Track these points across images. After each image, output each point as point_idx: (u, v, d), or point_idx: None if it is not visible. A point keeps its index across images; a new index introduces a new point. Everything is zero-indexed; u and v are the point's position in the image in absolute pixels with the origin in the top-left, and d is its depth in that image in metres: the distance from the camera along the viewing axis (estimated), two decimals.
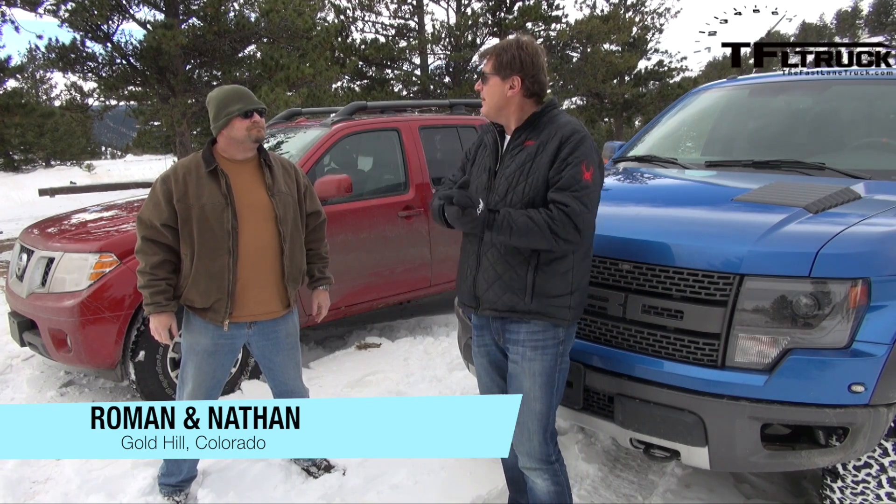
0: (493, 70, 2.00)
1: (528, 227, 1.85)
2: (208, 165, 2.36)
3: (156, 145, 26.25)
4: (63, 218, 4.40)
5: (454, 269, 2.33)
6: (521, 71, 1.96)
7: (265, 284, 2.46)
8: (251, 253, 2.40)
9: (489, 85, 2.01)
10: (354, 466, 2.86)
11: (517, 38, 2.00)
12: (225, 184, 2.35)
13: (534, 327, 1.99)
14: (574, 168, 1.87)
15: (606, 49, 21.94)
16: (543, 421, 2.03)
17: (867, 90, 3.26)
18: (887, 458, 2.07)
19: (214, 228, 2.32)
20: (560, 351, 2.02)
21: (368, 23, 19.96)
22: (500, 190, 1.99)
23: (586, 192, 1.86)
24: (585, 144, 1.90)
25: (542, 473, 2.08)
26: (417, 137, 4.91)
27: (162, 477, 2.64)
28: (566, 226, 1.83)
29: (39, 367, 4.32)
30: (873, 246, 1.95)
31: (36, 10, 12.06)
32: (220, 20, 12.59)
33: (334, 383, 3.88)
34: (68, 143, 32.07)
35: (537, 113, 2.01)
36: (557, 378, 2.03)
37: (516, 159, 1.98)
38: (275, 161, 2.53)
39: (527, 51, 1.97)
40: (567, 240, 1.86)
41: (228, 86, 2.46)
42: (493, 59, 2.00)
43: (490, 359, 2.20)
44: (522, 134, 2.01)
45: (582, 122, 2.03)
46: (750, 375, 1.97)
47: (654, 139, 3.63)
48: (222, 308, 2.38)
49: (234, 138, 2.38)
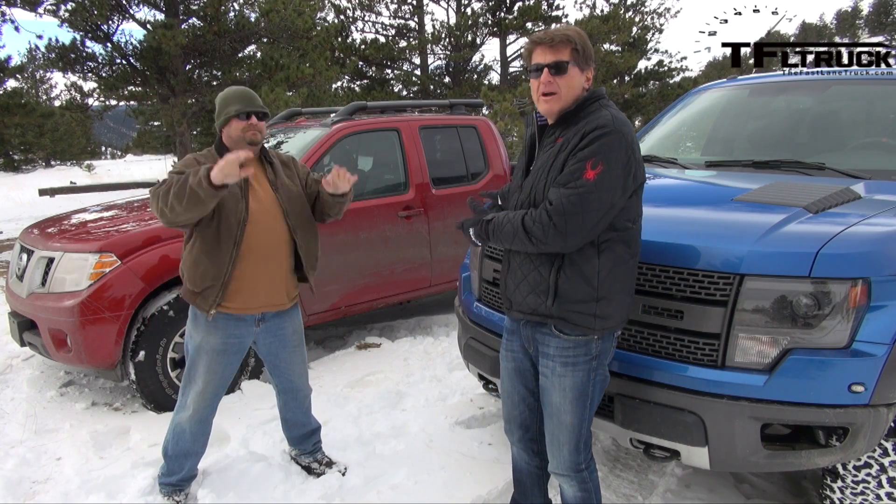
0: (573, 59, 1.82)
1: (509, 231, 1.83)
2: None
3: (156, 145, 26.28)
4: (63, 218, 4.40)
5: (454, 269, 2.33)
6: (594, 62, 1.87)
7: (274, 277, 2.50)
8: (260, 248, 2.43)
9: (567, 77, 1.83)
10: (354, 466, 2.86)
11: (576, 27, 1.89)
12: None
13: (564, 343, 1.90)
14: (578, 164, 1.75)
15: (606, 49, 21.92)
16: (575, 433, 1.97)
17: (867, 90, 3.26)
18: (887, 458, 2.07)
19: (228, 217, 2.36)
20: (593, 366, 1.92)
21: (368, 23, 20.00)
22: (525, 188, 1.92)
23: (582, 191, 1.72)
24: (602, 141, 1.74)
25: (569, 480, 2.05)
26: (417, 137, 4.91)
27: (162, 477, 2.64)
28: (544, 228, 1.74)
29: (39, 367, 4.32)
30: (873, 246, 1.95)
31: (36, 10, 12.06)
32: (220, 20, 12.59)
33: (334, 383, 3.88)
34: (68, 143, 32.06)
35: (573, 109, 1.87)
36: (592, 391, 1.95)
37: (543, 157, 1.91)
38: (274, 157, 2.59)
39: (587, 41, 1.87)
40: (545, 243, 1.76)
41: (235, 87, 2.50)
42: (570, 47, 1.82)
43: (516, 365, 2.14)
44: (556, 130, 1.91)
45: (621, 119, 1.82)
46: (750, 375, 1.97)
47: (654, 139, 3.64)
48: (211, 296, 2.39)
49: (231, 137, 2.43)
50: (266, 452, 2.99)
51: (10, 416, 3.63)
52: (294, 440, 2.88)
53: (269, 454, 2.97)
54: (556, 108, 1.88)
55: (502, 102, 14.24)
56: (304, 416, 2.84)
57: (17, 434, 3.36)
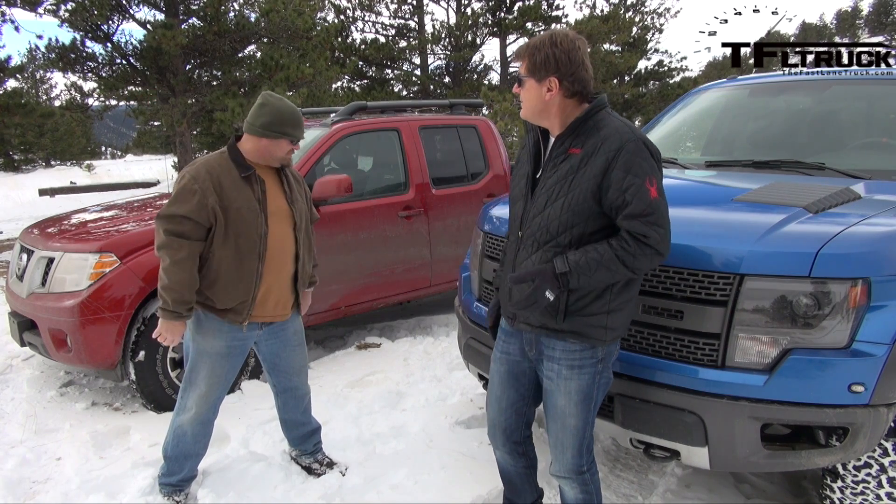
0: (527, 72, 1.85)
1: (604, 275, 1.75)
2: (243, 170, 2.37)
3: (156, 145, 26.26)
4: (63, 218, 4.41)
5: (454, 269, 2.33)
6: (558, 71, 1.80)
7: (282, 288, 2.52)
8: (276, 257, 2.45)
9: (525, 88, 1.87)
10: (355, 466, 2.86)
11: (551, 34, 1.83)
12: (260, 190, 2.39)
13: (571, 346, 1.90)
14: (638, 189, 1.71)
15: (606, 49, 21.93)
16: (579, 436, 1.96)
17: (867, 90, 3.26)
18: (887, 458, 2.07)
19: (248, 233, 2.35)
20: (599, 370, 1.92)
21: (368, 23, 19.99)
22: (539, 201, 1.87)
23: (659, 211, 1.73)
24: (639, 155, 1.73)
25: (571, 483, 2.04)
26: (417, 137, 4.91)
27: (162, 477, 2.64)
28: (647, 256, 1.74)
29: (39, 367, 4.32)
30: (873, 246, 1.95)
31: (36, 10, 12.06)
32: (220, 20, 12.59)
33: (334, 383, 3.88)
34: (68, 143, 32.03)
35: (581, 117, 1.84)
36: (595, 394, 1.95)
37: (559, 169, 1.84)
38: (289, 171, 2.59)
39: (561, 47, 1.79)
40: (650, 266, 1.77)
41: (291, 104, 2.43)
42: (526, 60, 1.85)
43: (510, 368, 2.10)
44: (567, 140, 1.85)
45: (633, 126, 1.84)
46: (750, 375, 1.97)
47: (654, 139, 3.63)
48: (244, 310, 2.41)
49: (271, 153, 2.42)
50: (266, 452, 2.99)
51: (10, 416, 3.63)
52: (294, 441, 2.88)
53: (269, 454, 2.97)
54: (523, 115, 1.93)
55: (502, 102, 14.24)
56: (303, 416, 2.84)
57: (17, 434, 3.36)
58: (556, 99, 1.84)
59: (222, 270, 2.35)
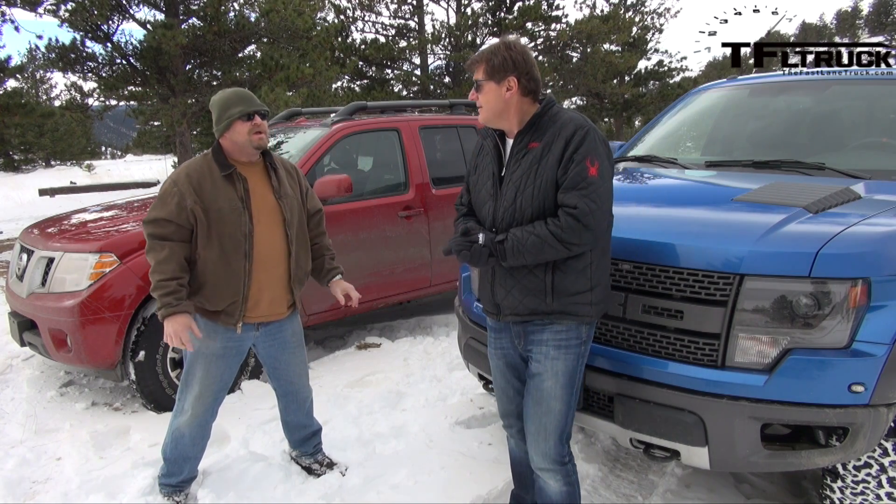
0: (485, 76, 1.96)
1: (537, 245, 1.85)
2: (224, 169, 2.35)
3: (156, 145, 26.21)
4: (63, 218, 4.40)
5: (454, 269, 2.34)
6: (516, 70, 1.93)
7: (276, 286, 2.49)
8: (264, 256, 2.41)
9: (484, 92, 1.98)
10: (355, 466, 2.86)
11: (503, 40, 1.97)
12: (242, 188, 2.36)
13: (558, 327, 1.98)
14: (579, 165, 1.84)
15: (606, 49, 21.93)
16: (562, 422, 2.03)
17: (867, 90, 3.26)
18: (887, 458, 2.07)
19: (232, 232, 2.33)
20: (581, 351, 2.02)
21: (368, 23, 19.96)
22: (507, 196, 1.96)
23: (593, 187, 1.83)
24: (589, 139, 1.87)
25: (555, 475, 2.07)
26: (417, 137, 4.91)
27: (162, 477, 2.64)
28: (576, 231, 1.82)
29: (39, 367, 4.32)
30: (873, 246, 1.95)
31: (36, 10, 12.04)
32: (220, 20, 12.57)
33: (334, 383, 3.88)
34: (68, 143, 32.05)
35: (538, 114, 1.98)
36: (578, 377, 2.04)
37: (522, 163, 1.95)
38: (279, 163, 2.54)
39: (516, 49, 1.94)
40: (580, 244, 1.85)
41: (230, 89, 2.44)
42: (483, 65, 1.96)
43: (507, 361, 2.19)
44: (525, 136, 1.98)
45: (585, 116, 2.01)
46: (750, 375, 1.97)
47: (654, 139, 3.64)
48: (236, 311, 2.39)
49: (235, 141, 2.38)
50: (266, 452, 2.99)
51: (10, 416, 3.63)
52: (295, 442, 2.88)
53: (269, 454, 2.97)
54: (483, 119, 2.03)
55: None
56: (305, 418, 2.84)
57: (17, 434, 3.37)
58: (514, 98, 1.96)
59: (209, 272, 2.34)
